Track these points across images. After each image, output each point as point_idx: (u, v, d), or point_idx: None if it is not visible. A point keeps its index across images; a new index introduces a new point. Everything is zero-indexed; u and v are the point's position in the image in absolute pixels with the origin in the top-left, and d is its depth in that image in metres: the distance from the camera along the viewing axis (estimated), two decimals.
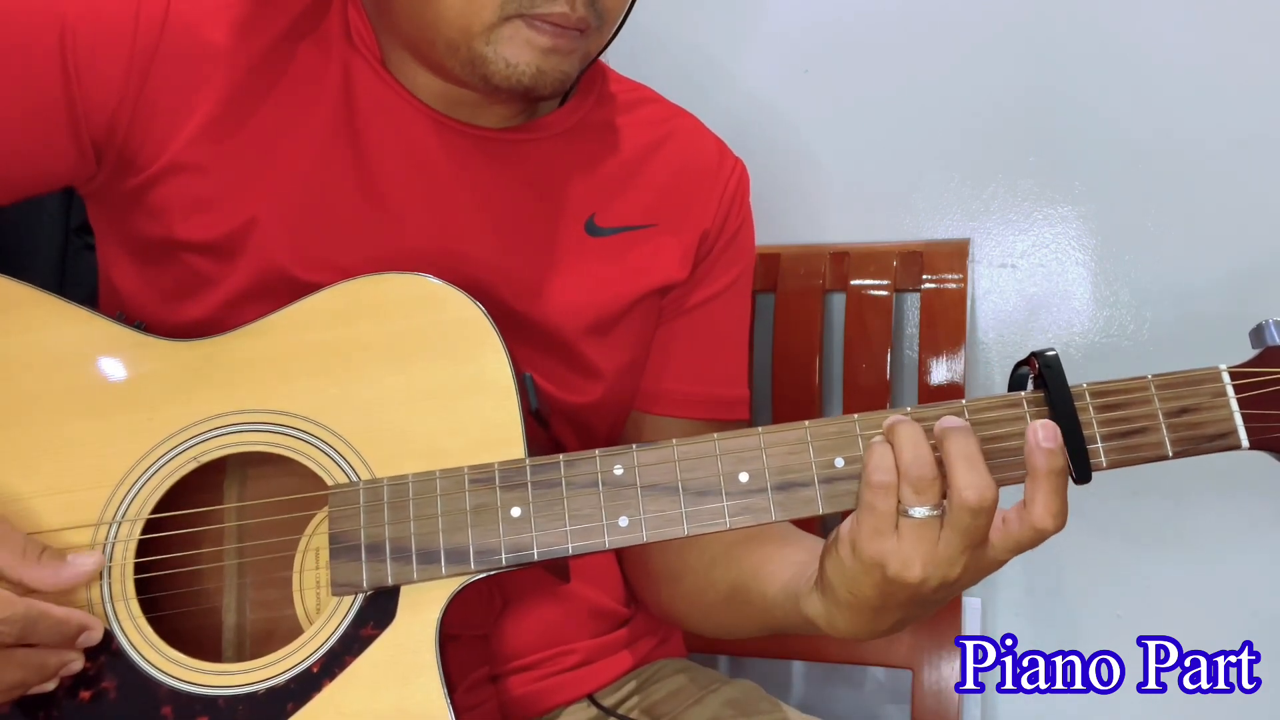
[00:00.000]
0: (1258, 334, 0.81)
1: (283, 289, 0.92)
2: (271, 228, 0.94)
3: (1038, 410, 0.80)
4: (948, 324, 1.42)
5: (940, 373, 1.42)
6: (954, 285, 1.43)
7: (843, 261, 1.47)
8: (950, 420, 0.77)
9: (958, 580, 0.78)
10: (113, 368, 0.88)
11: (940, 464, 0.76)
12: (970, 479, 0.74)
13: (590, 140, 1.06)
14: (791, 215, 1.54)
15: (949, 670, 1.38)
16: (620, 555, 1.14)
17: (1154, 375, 0.80)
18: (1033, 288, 1.49)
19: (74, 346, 0.88)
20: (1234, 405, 0.79)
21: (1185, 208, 1.42)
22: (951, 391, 1.41)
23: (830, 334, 1.49)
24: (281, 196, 0.95)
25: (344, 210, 0.96)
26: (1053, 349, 0.79)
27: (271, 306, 0.89)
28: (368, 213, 0.97)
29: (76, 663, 0.81)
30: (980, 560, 0.78)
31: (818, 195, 1.54)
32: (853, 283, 1.46)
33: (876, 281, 1.45)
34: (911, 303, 1.49)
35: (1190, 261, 1.42)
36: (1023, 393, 0.81)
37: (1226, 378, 0.79)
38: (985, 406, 0.80)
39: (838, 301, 1.49)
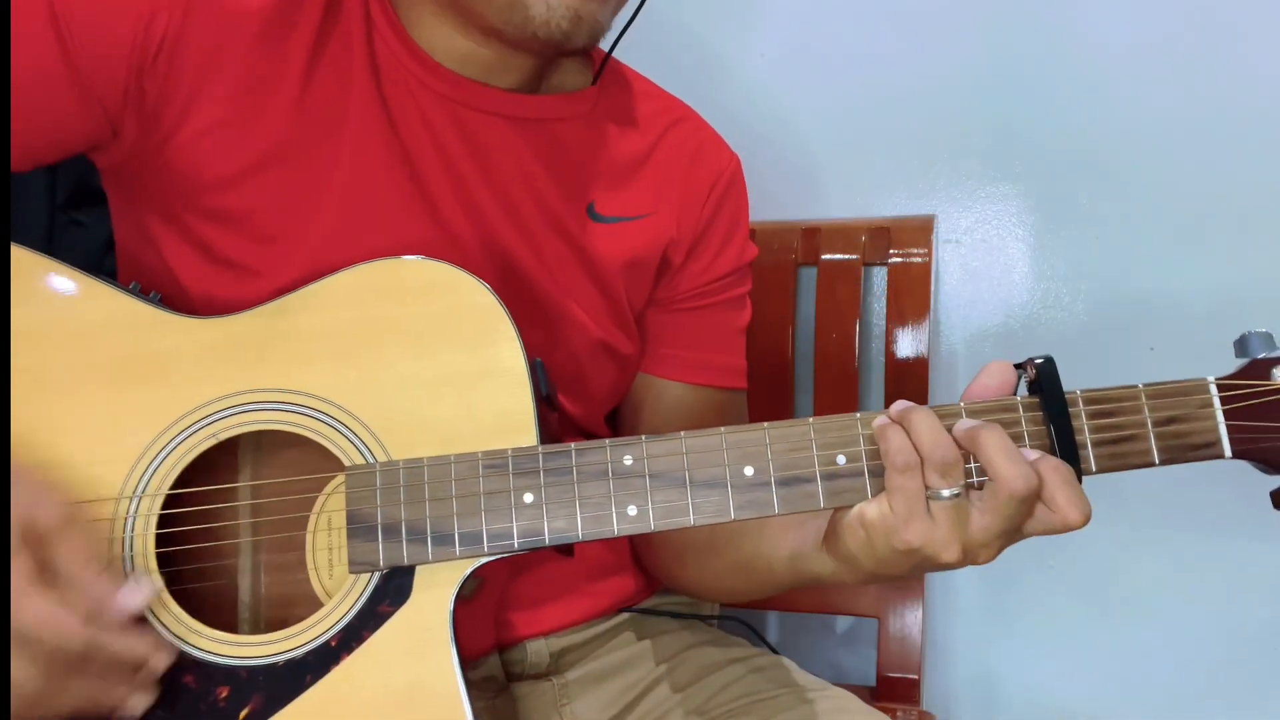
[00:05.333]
0: (1241, 345, 0.79)
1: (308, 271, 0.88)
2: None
3: (1032, 415, 0.78)
4: (913, 297, 1.42)
5: (906, 343, 1.41)
6: (919, 259, 1.42)
7: (814, 236, 1.45)
8: (969, 421, 0.77)
9: (987, 558, 0.78)
10: (133, 342, 0.84)
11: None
12: (1015, 470, 0.73)
13: (599, 129, 1.02)
14: (762, 192, 1.52)
15: (912, 619, 1.39)
16: None
17: (1145, 385, 0.79)
18: (975, 262, 1.49)
19: (95, 319, 0.84)
20: (1219, 416, 0.78)
21: (1119, 186, 1.43)
22: (917, 362, 1.40)
23: (802, 306, 1.47)
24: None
25: (394, 197, 0.93)
26: (1048, 355, 0.78)
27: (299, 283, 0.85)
28: (412, 197, 0.93)
29: (136, 701, 0.76)
30: (1011, 540, 0.78)
31: (786, 173, 1.53)
32: (823, 257, 1.45)
33: (846, 256, 1.44)
34: (879, 276, 1.48)
35: (1123, 237, 1.43)
36: (1018, 397, 0.79)
37: (1214, 389, 0.78)
38: (983, 409, 0.79)
39: (808, 275, 1.47)
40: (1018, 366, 0.80)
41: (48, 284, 0.84)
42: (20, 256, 0.84)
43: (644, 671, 1.06)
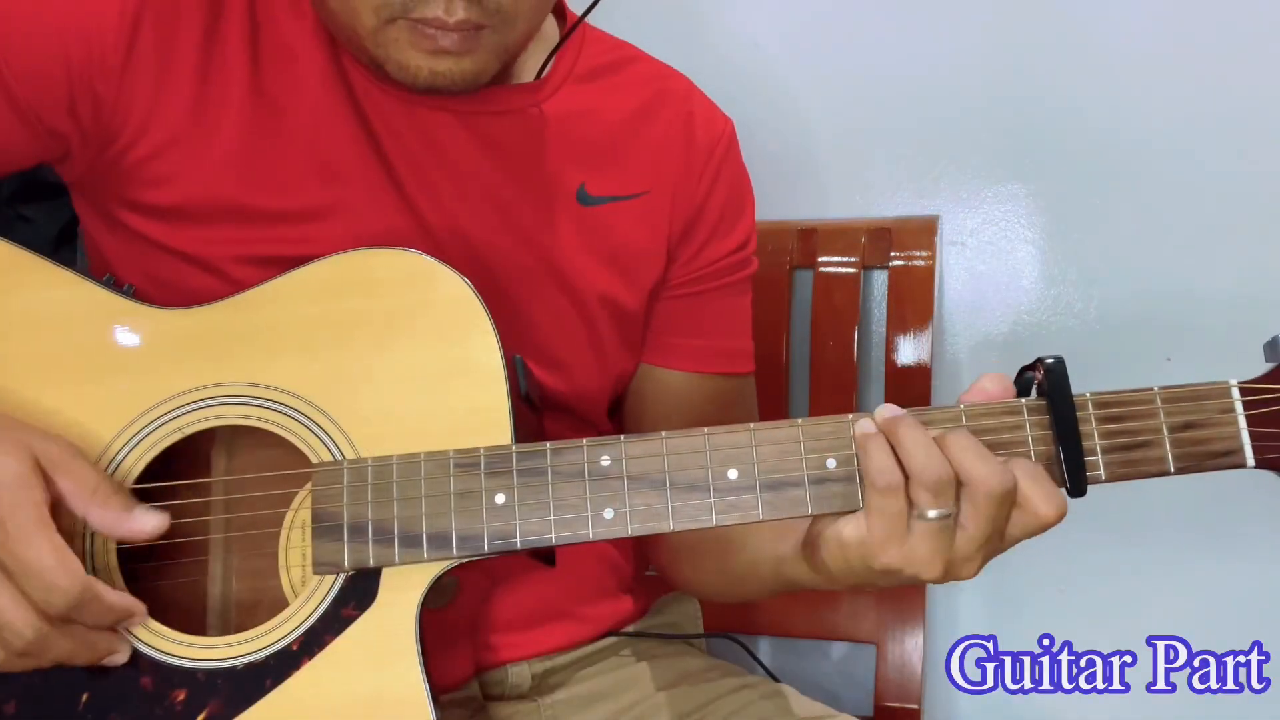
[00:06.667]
0: (1272, 348, 0.73)
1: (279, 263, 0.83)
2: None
3: (1038, 419, 0.73)
4: (915, 302, 1.36)
5: (907, 350, 1.36)
6: (922, 262, 1.36)
7: (810, 238, 1.39)
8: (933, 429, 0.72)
9: (970, 572, 0.73)
10: (99, 334, 0.79)
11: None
12: (989, 469, 0.69)
13: (577, 107, 0.96)
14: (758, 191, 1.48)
15: (912, 645, 1.34)
16: None
17: (1161, 388, 0.73)
18: (982, 265, 1.43)
19: (60, 310, 0.80)
20: (1242, 422, 0.72)
21: (1133, 186, 1.37)
22: (919, 371, 1.34)
23: (797, 311, 1.41)
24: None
25: (357, 187, 0.88)
26: (1058, 356, 0.72)
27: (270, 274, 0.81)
28: (381, 188, 0.88)
29: (122, 654, 0.74)
30: (994, 550, 0.73)
31: (783, 172, 1.46)
32: (820, 259, 1.39)
33: (844, 258, 1.38)
34: (880, 280, 1.42)
35: (1138, 239, 1.38)
36: (1023, 400, 0.74)
37: (1236, 393, 0.72)
38: (984, 413, 0.73)
39: (804, 279, 1.42)
40: (1027, 369, 0.75)
41: (10, 272, 0.80)
42: None
43: (634, 695, 1.01)
